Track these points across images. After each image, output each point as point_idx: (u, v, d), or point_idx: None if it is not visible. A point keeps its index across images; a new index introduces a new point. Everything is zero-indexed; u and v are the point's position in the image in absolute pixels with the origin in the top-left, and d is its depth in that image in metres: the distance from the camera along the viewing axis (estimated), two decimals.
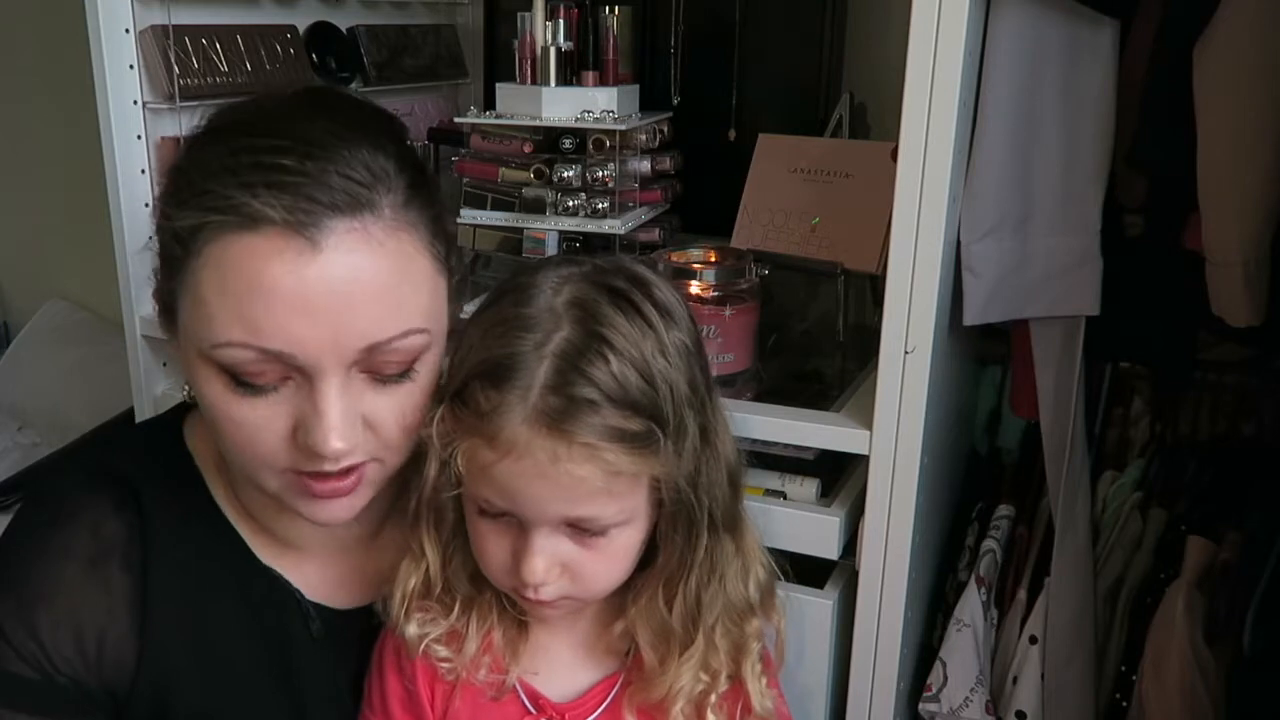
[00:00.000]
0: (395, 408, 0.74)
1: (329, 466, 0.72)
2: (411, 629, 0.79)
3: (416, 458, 0.85)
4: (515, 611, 0.81)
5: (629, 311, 0.73)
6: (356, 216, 0.70)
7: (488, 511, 0.74)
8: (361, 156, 0.71)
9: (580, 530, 0.73)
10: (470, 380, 0.72)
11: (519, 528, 0.74)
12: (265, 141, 0.70)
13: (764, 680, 0.83)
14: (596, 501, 0.71)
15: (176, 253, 0.71)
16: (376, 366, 0.73)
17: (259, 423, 0.72)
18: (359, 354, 0.71)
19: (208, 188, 0.69)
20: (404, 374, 0.74)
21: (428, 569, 0.80)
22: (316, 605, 0.84)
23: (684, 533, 0.75)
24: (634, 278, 0.76)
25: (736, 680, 0.81)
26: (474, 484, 0.73)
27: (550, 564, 0.73)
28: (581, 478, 0.69)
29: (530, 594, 0.75)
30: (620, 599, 0.82)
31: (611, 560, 0.76)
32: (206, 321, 0.70)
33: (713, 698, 0.79)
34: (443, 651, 0.79)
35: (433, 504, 0.77)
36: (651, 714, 0.80)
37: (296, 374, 0.71)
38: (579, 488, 0.70)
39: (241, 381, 0.71)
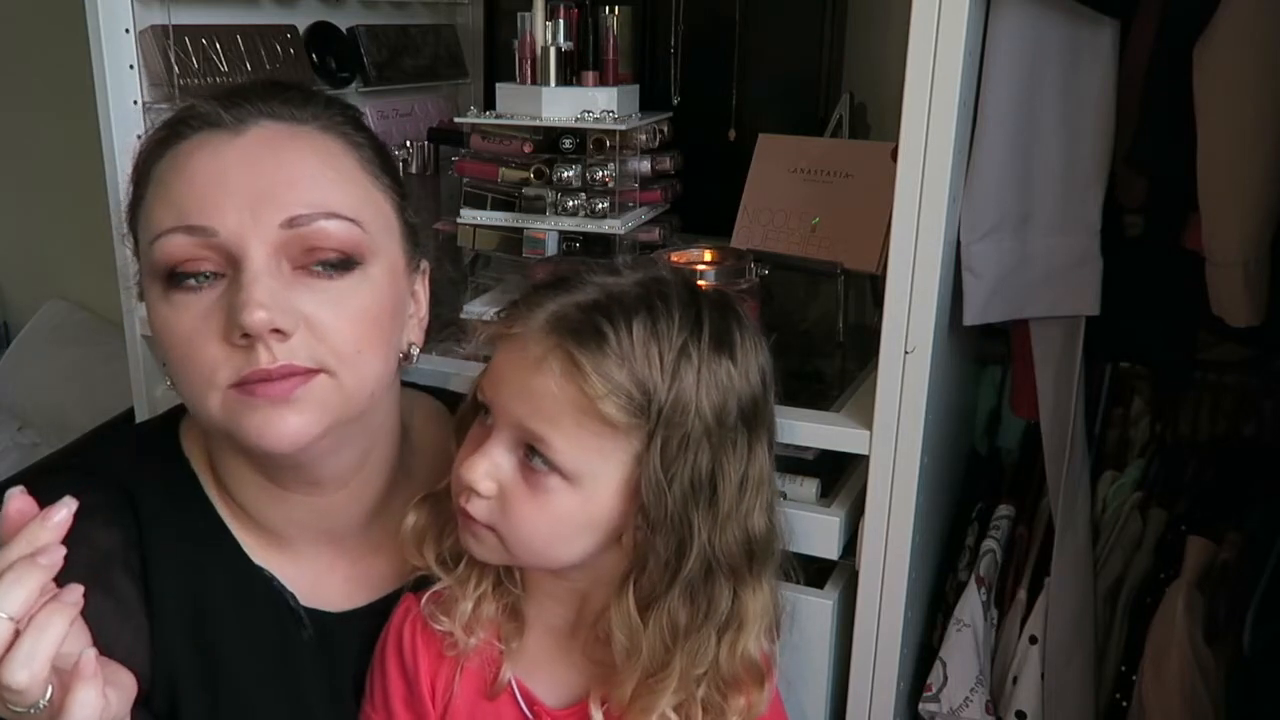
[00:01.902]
0: (335, 306, 0.74)
1: (263, 356, 0.71)
2: (411, 517, 0.82)
3: (414, 455, 0.85)
4: (509, 583, 0.81)
5: (688, 315, 0.74)
6: (280, 121, 0.76)
7: (479, 414, 0.76)
8: (292, 94, 0.78)
9: (529, 459, 0.73)
10: (543, 283, 0.77)
11: (489, 434, 0.75)
12: (201, 97, 0.77)
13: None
14: (556, 425, 0.71)
15: (132, 190, 0.77)
16: (305, 256, 0.73)
17: (194, 325, 0.72)
18: (281, 232, 0.72)
19: (155, 130, 0.77)
20: (341, 269, 0.74)
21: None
22: (310, 610, 0.84)
23: (667, 547, 0.73)
24: (718, 303, 0.77)
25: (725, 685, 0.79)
26: (485, 372, 0.76)
27: (490, 473, 0.74)
28: (555, 389, 0.70)
29: (463, 500, 0.75)
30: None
31: (543, 513, 0.73)
32: (147, 225, 0.74)
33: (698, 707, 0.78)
34: (444, 621, 0.80)
35: (468, 413, 0.80)
36: None
37: (228, 266, 0.72)
38: (549, 400, 0.71)
39: (177, 279, 0.72)
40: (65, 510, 0.65)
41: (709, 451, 0.73)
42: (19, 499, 0.67)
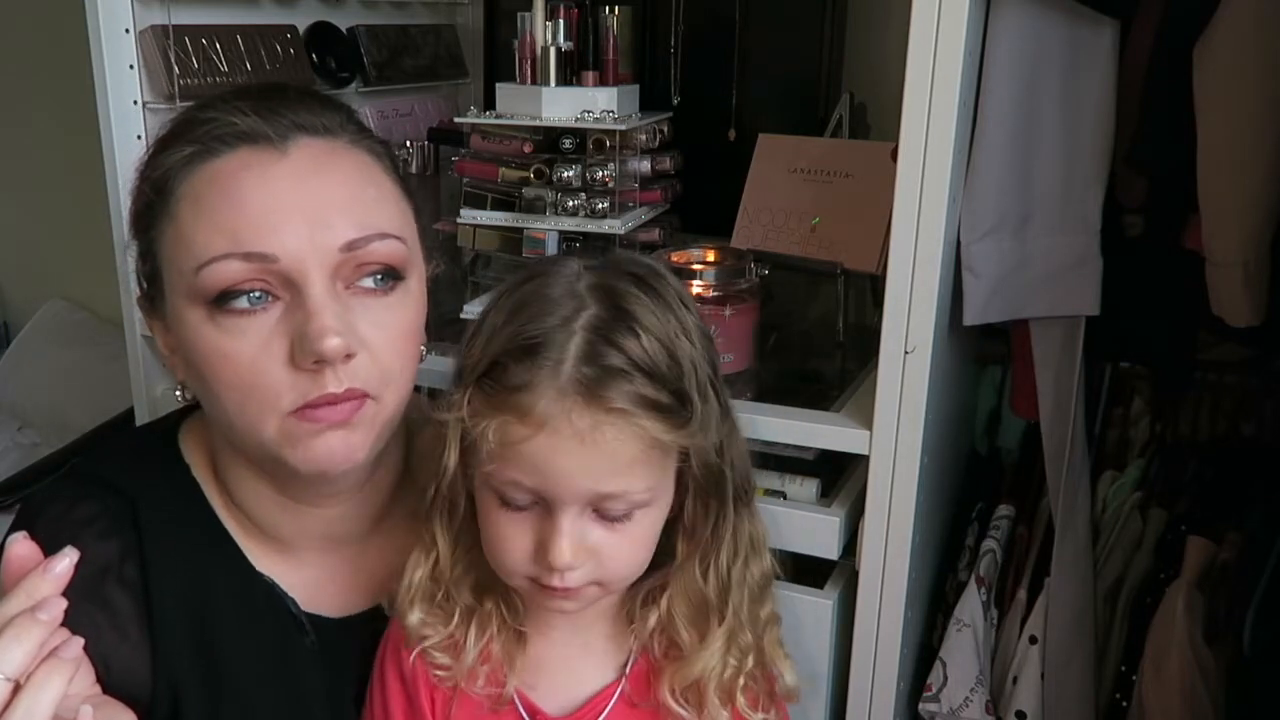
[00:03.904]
0: (383, 323, 0.75)
1: (331, 384, 0.72)
2: (414, 617, 0.79)
3: (417, 458, 0.85)
4: (514, 622, 0.81)
5: (651, 294, 0.74)
6: (317, 135, 0.75)
7: (510, 502, 0.73)
8: (315, 104, 0.77)
9: (605, 512, 0.73)
10: (498, 360, 0.72)
11: (543, 514, 0.73)
12: (226, 104, 0.75)
13: (788, 658, 0.85)
14: (629, 475, 0.72)
15: (154, 201, 0.74)
16: (356, 274, 0.74)
17: (255, 352, 0.72)
18: (338, 255, 0.72)
19: (177, 134, 0.75)
20: (387, 287, 0.76)
21: (437, 559, 0.80)
22: (311, 616, 0.84)
23: (716, 505, 0.78)
24: (649, 267, 0.78)
25: (759, 664, 0.82)
26: (503, 465, 0.72)
27: (577, 547, 0.73)
28: (617, 446, 0.70)
29: (556, 581, 0.73)
30: (626, 606, 0.82)
31: (635, 543, 0.76)
32: (188, 248, 0.72)
33: (741, 680, 0.80)
34: (441, 659, 0.79)
35: (449, 494, 0.77)
36: (653, 718, 0.81)
37: (283, 289, 0.72)
38: (615, 458, 0.70)
39: (228, 304, 0.71)
40: (67, 561, 0.64)
41: (718, 399, 0.76)
42: (21, 544, 0.66)
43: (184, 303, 0.73)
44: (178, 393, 0.82)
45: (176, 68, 1.16)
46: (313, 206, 0.72)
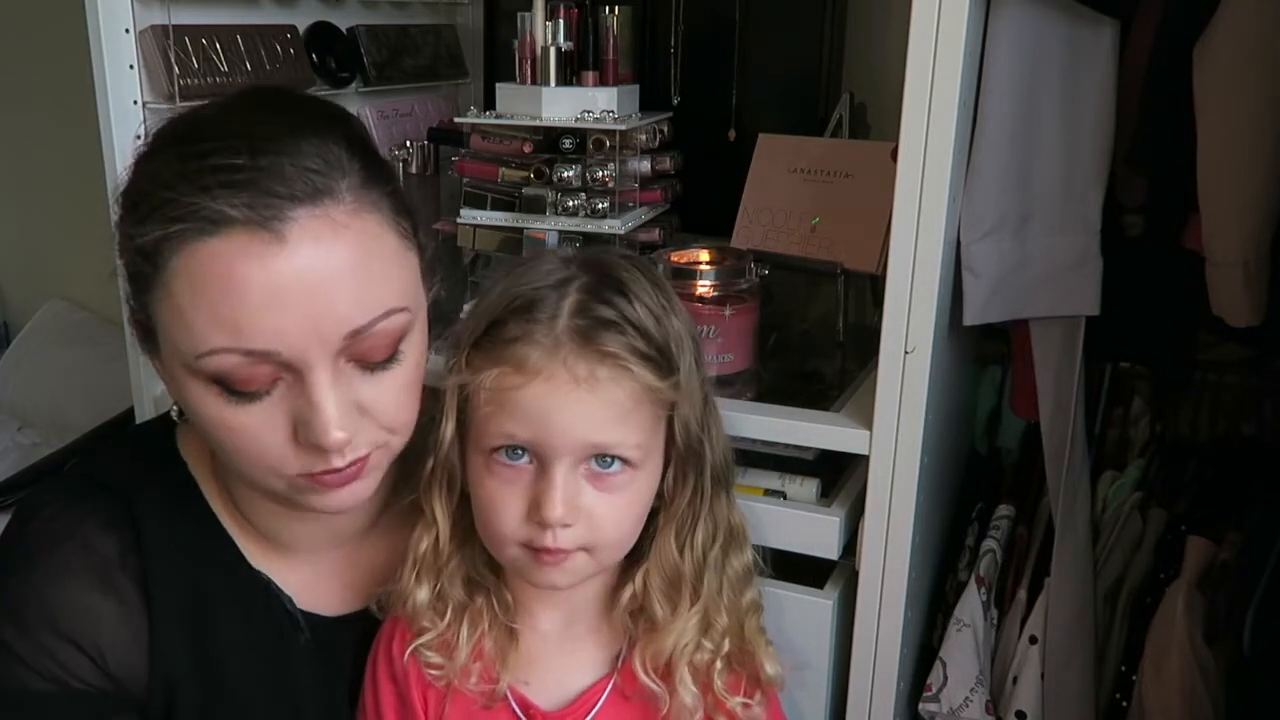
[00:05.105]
0: (388, 391, 0.75)
1: (336, 461, 0.72)
2: (422, 594, 0.80)
3: (415, 453, 0.85)
4: (506, 619, 0.81)
5: (641, 270, 0.78)
6: (317, 204, 0.69)
7: (501, 461, 0.75)
8: (311, 145, 0.71)
9: (598, 470, 0.75)
10: (495, 320, 0.75)
11: (537, 473, 0.75)
12: (213, 145, 0.69)
13: (770, 645, 0.85)
14: (623, 426, 0.74)
15: (145, 270, 0.70)
16: (364, 354, 0.73)
17: (257, 429, 0.71)
18: (343, 342, 0.71)
19: (164, 198, 0.68)
20: (391, 358, 0.75)
21: (438, 535, 0.81)
22: (306, 614, 0.84)
23: (694, 479, 0.80)
24: (636, 257, 0.82)
25: (740, 649, 0.83)
26: (499, 417, 0.74)
27: (570, 504, 0.74)
28: (613, 391, 0.73)
29: (549, 541, 0.74)
30: (613, 595, 0.83)
31: (625, 508, 0.77)
32: (186, 333, 0.69)
33: (718, 664, 0.81)
34: (434, 658, 0.80)
35: (446, 465, 0.79)
36: (645, 710, 0.81)
37: (286, 373, 0.70)
38: (610, 406, 0.73)
39: (234, 391, 0.70)
40: None
41: (700, 378, 0.79)
42: None
43: (182, 371, 0.71)
44: (175, 411, 0.82)
45: (176, 68, 1.16)
46: (315, 300, 0.69)
